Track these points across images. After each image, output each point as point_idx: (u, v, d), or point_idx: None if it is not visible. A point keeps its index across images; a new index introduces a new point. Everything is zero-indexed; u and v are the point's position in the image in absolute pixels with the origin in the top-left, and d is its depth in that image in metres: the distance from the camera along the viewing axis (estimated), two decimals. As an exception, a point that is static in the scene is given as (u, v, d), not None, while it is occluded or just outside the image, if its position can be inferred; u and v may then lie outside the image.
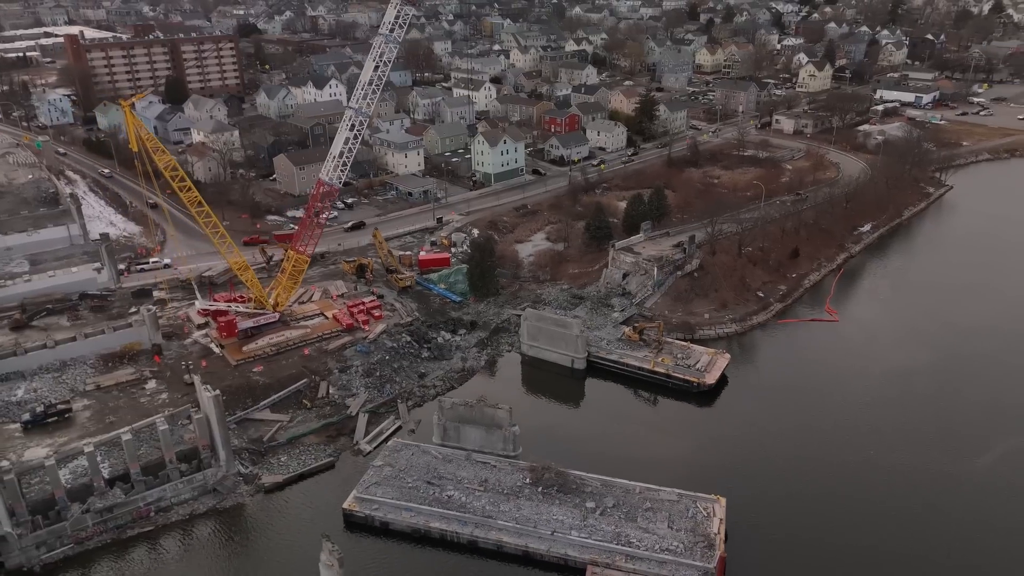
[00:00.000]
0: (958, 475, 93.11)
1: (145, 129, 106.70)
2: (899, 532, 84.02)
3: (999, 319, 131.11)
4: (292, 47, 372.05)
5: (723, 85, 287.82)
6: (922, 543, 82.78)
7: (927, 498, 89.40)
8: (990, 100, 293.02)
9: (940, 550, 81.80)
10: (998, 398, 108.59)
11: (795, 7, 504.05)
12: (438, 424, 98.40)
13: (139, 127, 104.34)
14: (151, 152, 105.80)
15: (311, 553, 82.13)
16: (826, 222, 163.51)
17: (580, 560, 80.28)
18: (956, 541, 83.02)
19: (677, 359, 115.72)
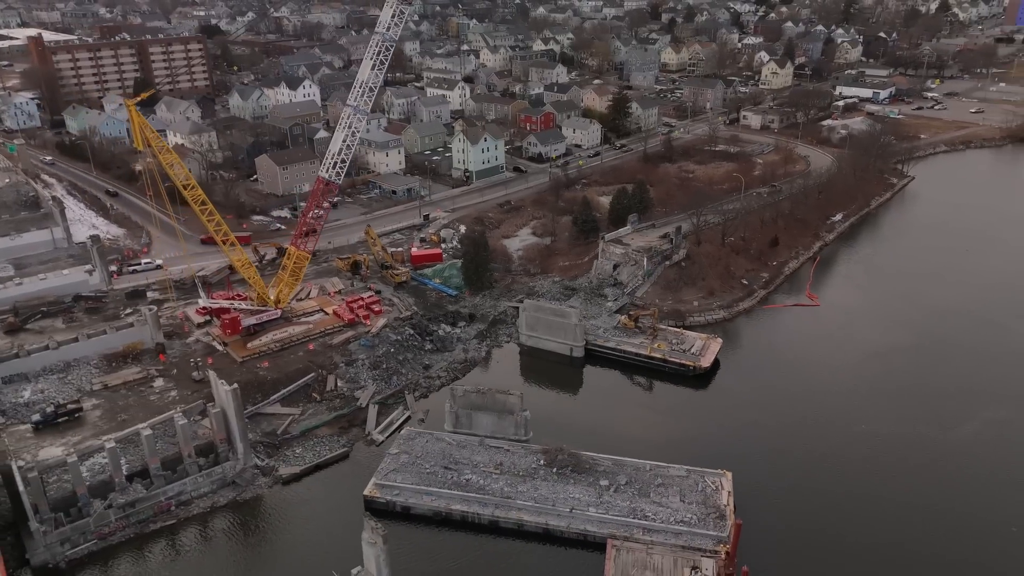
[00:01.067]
0: (942, 443, 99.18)
1: (151, 128, 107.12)
2: (892, 491, 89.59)
3: (966, 300, 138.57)
4: (258, 48, 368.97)
5: (691, 83, 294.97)
6: (913, 497, 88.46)
7: (915, 462, 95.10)
8: (943, 95, 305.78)
9: (925, 502, 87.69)
10: (972, 373, 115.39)
11: (752, 7, 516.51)
12: (450, 412, 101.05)
13: (145, 126, 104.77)
14: (157, 151, 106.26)
15: (334, 540, 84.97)
16: (801, 212, 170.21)
17: (599, 535, 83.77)
18: (939, 496, 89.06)
19: (672, 344, 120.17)
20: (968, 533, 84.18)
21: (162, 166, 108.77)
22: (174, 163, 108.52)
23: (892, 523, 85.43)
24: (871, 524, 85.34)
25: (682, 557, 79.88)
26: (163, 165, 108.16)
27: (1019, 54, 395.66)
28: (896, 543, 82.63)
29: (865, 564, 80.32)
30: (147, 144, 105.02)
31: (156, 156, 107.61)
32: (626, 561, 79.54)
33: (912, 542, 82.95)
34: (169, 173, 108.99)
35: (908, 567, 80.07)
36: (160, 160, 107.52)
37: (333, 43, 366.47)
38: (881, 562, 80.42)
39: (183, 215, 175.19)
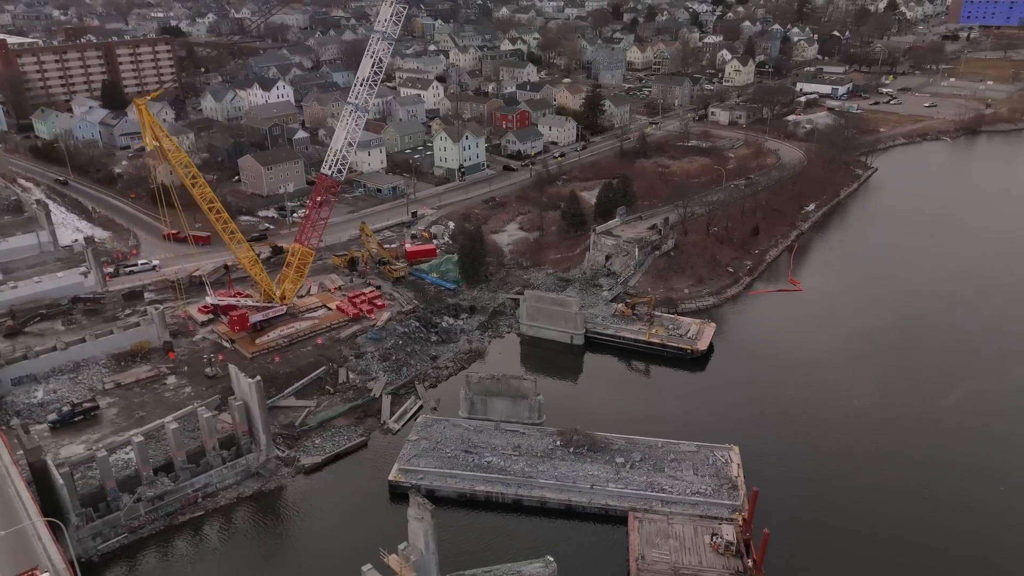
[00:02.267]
0: (925, 414, 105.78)
1: (161, 127, 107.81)
2: (891, 459, 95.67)
3: (936, 281, 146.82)
4: (223, 49, 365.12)
5: (659, 81, 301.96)
6: (908, 464, 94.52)
7: (908, 431, 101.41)
8: (897, 90, 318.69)
9: (920, 467, 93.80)
10: (948, 348, 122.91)
11: (709, 7, 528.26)
12: (465, 398, 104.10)
13: (155, 125, 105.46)
14: (166, 150, 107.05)
15: (363, 524, 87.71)
16: (777, 203, 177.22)
17: (620, 508, 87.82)
18: (931, 460, 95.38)
19: (669, 330, 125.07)
20: (958, 491, 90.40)
21: (171, 164, 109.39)
22: (184, 161, 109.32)
23: (891, 484, 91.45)
24: (872, 487, 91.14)
25: (701, 525, 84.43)
26: (172, 163, 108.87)
27: (965, 50, 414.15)
28: (895, 497, 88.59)
29: (870, 522, 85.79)
30: (156, 142, 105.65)
31: (165, 154, 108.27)
32: (649, 531, 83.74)
33: (909, 495, 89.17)
34: (178, 171, 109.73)
35: (909, 519, 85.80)
36: (169, 158, 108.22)
37: (301, 44, 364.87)
38: (884, 517, 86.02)
39: (171, 216, 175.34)
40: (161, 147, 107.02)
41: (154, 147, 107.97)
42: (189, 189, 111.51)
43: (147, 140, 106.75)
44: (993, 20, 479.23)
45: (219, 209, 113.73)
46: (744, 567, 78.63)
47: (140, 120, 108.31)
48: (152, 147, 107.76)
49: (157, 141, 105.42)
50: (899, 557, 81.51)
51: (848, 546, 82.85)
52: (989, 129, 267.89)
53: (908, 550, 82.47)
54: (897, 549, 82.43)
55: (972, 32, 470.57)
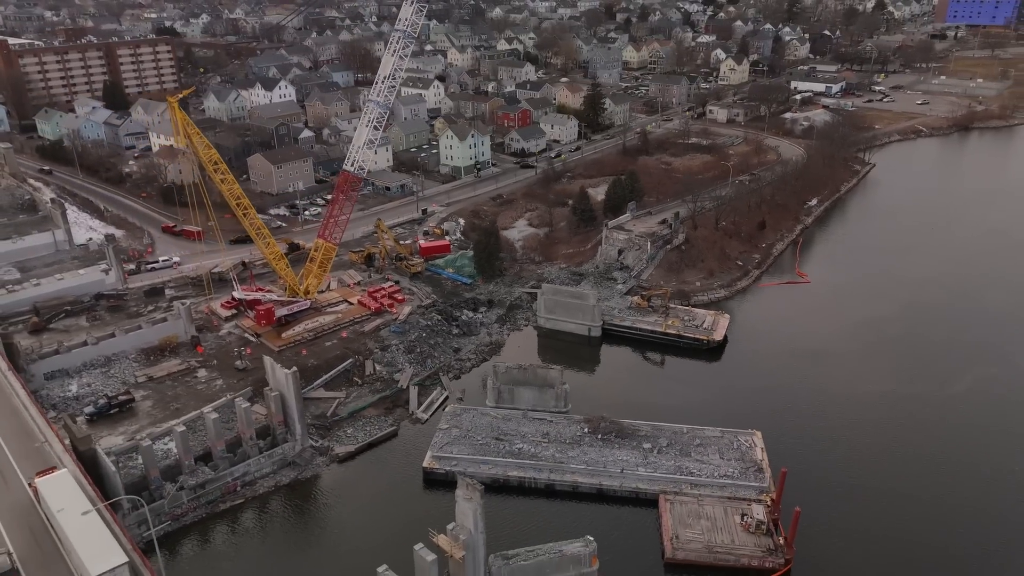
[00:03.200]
0: (939, 399, 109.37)
1: (193, 124, 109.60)
2: (907, 440, 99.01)
3: (939, 272, 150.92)
4: (219, 50, 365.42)
5: (657, 80, 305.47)
6: (924, 446, 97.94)
7: (920, 416, 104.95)
8: (889, 88, 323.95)
9: (935, 449, 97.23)
10: (955, 336, 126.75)
11: (700, 6, 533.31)
12: (492, 388, 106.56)
13: (188, 124, 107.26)
14: (198, 147, 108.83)
15: (400, 509, 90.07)
16: (781, 198, 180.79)
17: (651, 491, 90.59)
18: (945, 442, 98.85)
19: (684, 321, 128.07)
20: (970, 475, 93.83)
21: (202, 160, 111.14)
22: (213, 158, 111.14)
23: (908, 464, 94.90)
24: (890, 467, 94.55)
25: (731, 506, 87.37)
26: (203, 160, 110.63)
27: (953, 49, 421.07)
28: (913, 478, 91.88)
29: (890, 497, 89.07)
30: (187, 139, 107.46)
31: (196, 151, 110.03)
32: (681, 512, 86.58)
33: (926, 478, 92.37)
34: (208, 168, 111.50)
35: (926, 500, 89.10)
36: (201, 156, 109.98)
37: (299, 44, 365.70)
38: (903, 494, 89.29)
39: (181, 215, 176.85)
40: (192, 144, 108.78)
41: (185, 144, 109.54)
42: (218, 185, 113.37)
43: (179, 138, 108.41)
44: (979, 19, 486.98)
45: (247, 206, 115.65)
46: (775, 544, 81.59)
47: (172, 118, 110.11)
48: (184, 145, 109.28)
49: (188, 139, 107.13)
50: (925, 528, 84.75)
51: (876, 527, 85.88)
52: (981, 126, 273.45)
53: (933, 519, 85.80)
54: (922, 519, 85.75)
55: (959, 31, 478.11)
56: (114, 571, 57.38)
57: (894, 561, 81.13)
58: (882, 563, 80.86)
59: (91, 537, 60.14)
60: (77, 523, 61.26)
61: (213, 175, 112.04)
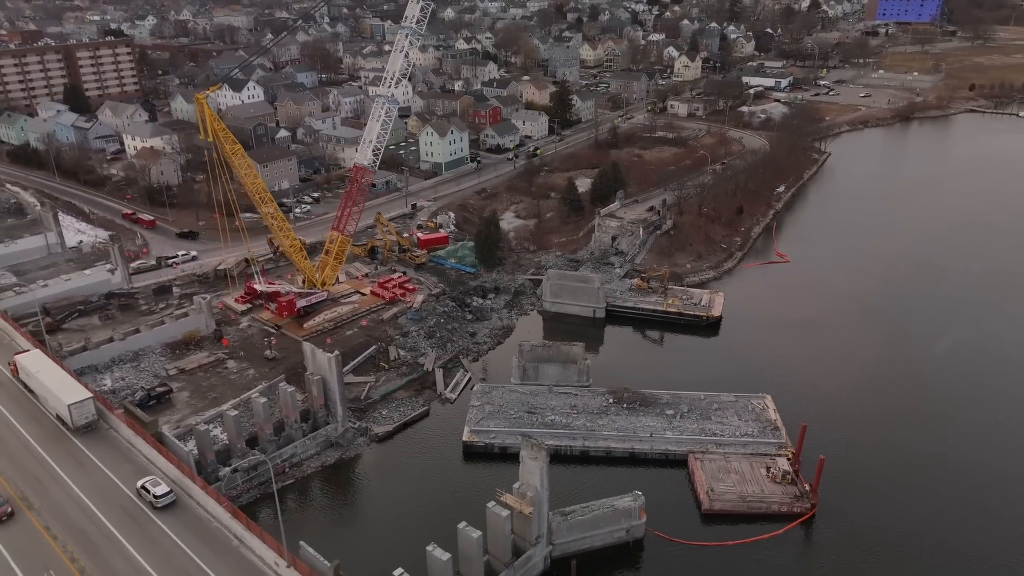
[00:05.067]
0: (924, 358, 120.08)
1: (219, 121, 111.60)
2: (901, 396, 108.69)
3: (906, 248, 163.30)
4: (174, 52, 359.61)
5: (618, 76, 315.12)
6: (914, 399, 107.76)
7: (908, 373, 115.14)
8: (833, 82, 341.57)
9: (924, 402, 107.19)
10: (928, 304, 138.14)
11: (645, 6, 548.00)
12: (517, 365, 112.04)
13: (214, 120, 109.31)
14: (223, 142, 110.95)
15: (442, 481, 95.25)
16: (753, 185, 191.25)
17: (679, 452, 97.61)
18: (931, 397, 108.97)
19: (683, 300, 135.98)
20: (958, 424, 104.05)
21: (227, 155, 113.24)
22: (239, 152, 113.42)
23: (906, 417, 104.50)
24: (890, 419, 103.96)
25: (755, 461, 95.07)
26: (228, 154, 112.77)
27: (886, 45, 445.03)
28: (910, 429, 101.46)
29: (895, 445, 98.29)
30: (214, 136, 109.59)
31: (222, 147, 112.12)
32: (710, 469, 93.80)
33: (921, 428, 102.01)
34: (232, 162, 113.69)
35: (923, 446, 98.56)
36: (226, 151, 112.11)
37: (257, 46, 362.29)
38: (904, 442, 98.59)
39: (170, 215, 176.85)
40: (219, 139, 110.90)
41: (211, 139, 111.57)
42: (241, 179, 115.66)
43: (205, 133, 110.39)
44: (907, 17, 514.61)
45: (269, 200, 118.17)
46: (801, 491, 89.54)
47: (199, 114, 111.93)
48: (212, 139, 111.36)
49: (215, 134, 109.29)
50: (922, 466, 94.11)
51: (887, 473, 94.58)
52: (921, 116, 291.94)
53: (929, 460, 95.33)
54: (928, 464, 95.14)
55: (889, 28, 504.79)
56: (82, 402, 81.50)
57: (904, 499, 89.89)
58: (892, 501, 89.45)
59: (63, 385, 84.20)
60: (51, 377, 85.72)
61: (238, 169, 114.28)
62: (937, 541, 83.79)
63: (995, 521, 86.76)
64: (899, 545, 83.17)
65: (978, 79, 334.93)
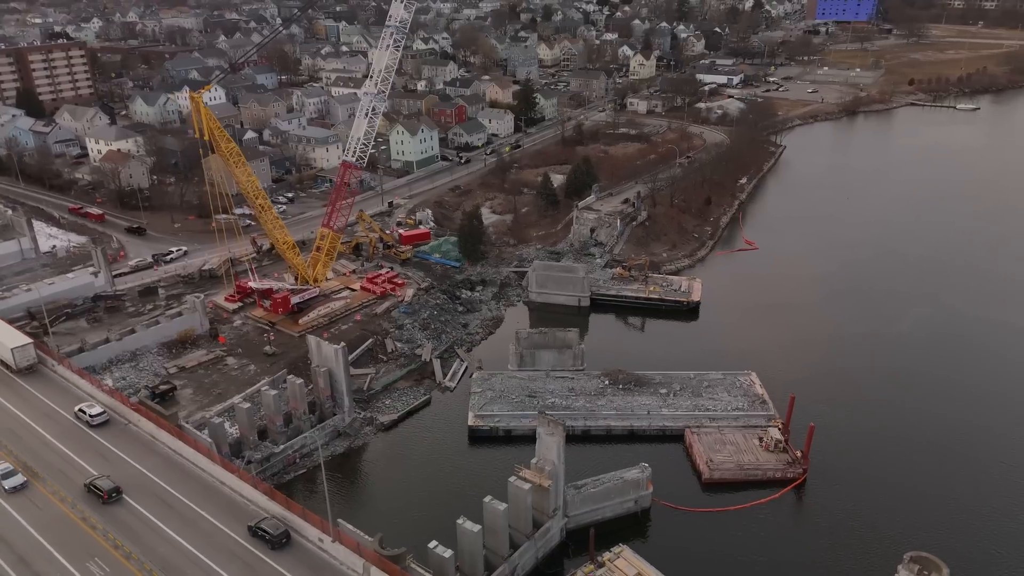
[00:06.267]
0: (890, 334, 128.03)
1: (215, 119, 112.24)
2: (873, 362, 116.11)
3: (863, 234, 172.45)
4: (125, 54, 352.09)
5: (578, 75, 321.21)
6: (885, 362, 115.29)
7: (878, 345, 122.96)
8: (782, 79, 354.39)
9: (895, 365, 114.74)
10: (889, 285, 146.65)
11: (596, 6, 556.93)
12: (515, 352, 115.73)
13: (211, 119, 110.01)
14: (219, 141, 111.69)
15: (451, 464, 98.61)
16: (718, 177, 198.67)
17: (676, 428, 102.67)
18: (900, 360, 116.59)
19: (663, 287, 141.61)
20: (926, 386, 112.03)
21: (223, 155, 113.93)
22: (234, 151, 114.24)
23: (882, 387, 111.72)
24: (869, 391, 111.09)
25: (748, 432, 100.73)
26: (224, 154, 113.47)
27: (827, 43, 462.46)
28: (887, 395, 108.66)
29: (874, 410, 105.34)
30: (210, 135, 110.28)
31: (218, 146, 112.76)
32: (707, 441, 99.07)
33: (897, 392, 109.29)
34: (228, 160, 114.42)
35: (896, 406, 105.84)
36: (222, 150, 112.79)
37: (212, 47, 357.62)
38: (884, 406, 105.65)
39: (144, 218, 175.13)
40: (215, 139, 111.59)
41: (208, 139, 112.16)
42: (236, 178, 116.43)
43: (205, 132, 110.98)
44: (845, 16, 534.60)
45: (263, 196, 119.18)
46: (793, 458, 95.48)
47: (194, 114, 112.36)
48: (208, 138, 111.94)
49: (211, 134, 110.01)
50: (908, 430, 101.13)
51: (869, 436, 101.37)
52: (866, 109, 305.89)
53: (914, 425, 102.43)
54: (905, 425, 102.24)
55: (829, 27, 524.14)
56: (24, 347, 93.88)
57: (886, 458, 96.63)
58: (876, 461, 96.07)
59: (5, 333, 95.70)
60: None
61: (233, 168, 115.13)
62: (920, 494, 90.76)
63: (975, 470, 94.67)
64: (886, 500, 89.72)
65: (916, 74, 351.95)
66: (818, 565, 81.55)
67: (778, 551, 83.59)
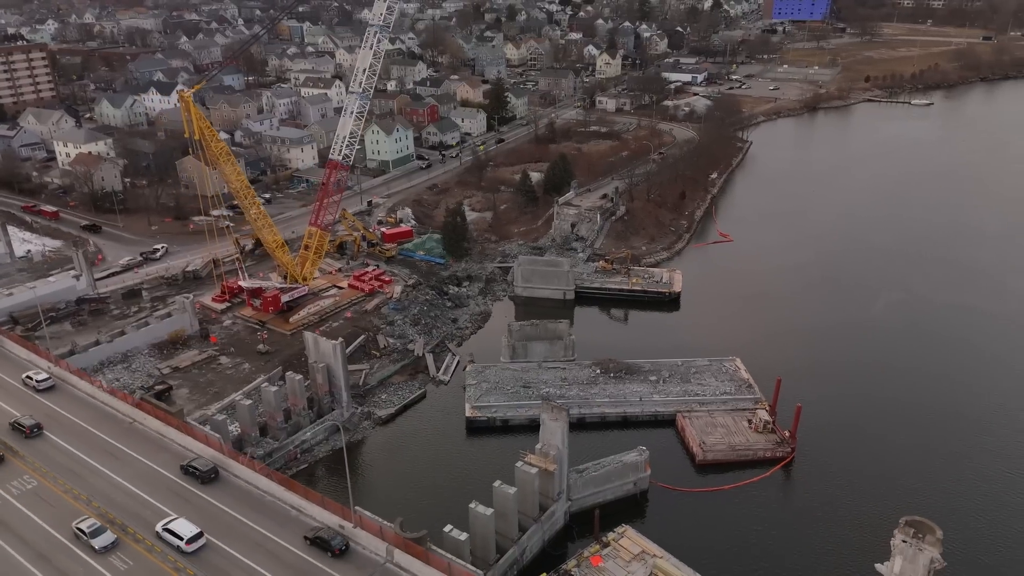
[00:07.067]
0: (865, 319, 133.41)
1: (204, 118, 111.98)
2: (853, 350, 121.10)
3: (832, 224, 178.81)
4: (84, 56, 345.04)
5: (546, 74, 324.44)
6: (864, 352, 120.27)
7: (854, 333, 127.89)
8: (743, 77, 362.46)
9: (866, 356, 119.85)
10: (861, 272, 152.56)
11: (558, 6, 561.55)
12: (507, 345, 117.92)
13: (200, 119, 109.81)
14: (209, 141, 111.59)
15: (451, 454, 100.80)
16: (690, 172, 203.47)
17: (667, 413, 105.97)
18: (878, 345, 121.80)
19: (645, 279, 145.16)
20: (899, 366, 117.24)
21: (213, 157, 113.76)
22: (224, 150, 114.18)
23: (861, 370, 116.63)
24: (845, 368, 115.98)
25: (737, 415, 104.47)
26: (214, 152, 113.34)
27: (785, 42, 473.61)
28: (864, 373, 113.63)
29: (853, 389, 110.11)
30: (200, 135, 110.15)
31: (208, 146, 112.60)
32: (699, 425, 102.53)
33: (872, 373, 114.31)
34: (218, 160, 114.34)
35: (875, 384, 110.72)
36: (213, 150, 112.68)
37: (176, 49, 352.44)
38: (861, 385, 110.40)
39: (120, 221, 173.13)
40: (204, 137, 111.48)
41: (198, 138, 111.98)
42: (226, 177, 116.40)
43: (196, 130, 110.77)
44: (800, 15, 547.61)
45: (252, 195, 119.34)
46: (781, 438, 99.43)
47: (184, 113, 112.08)
48: (199, 137, 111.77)
49: (201, 133, 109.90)
50: (886, 407, 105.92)
51: (850, 414, 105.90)
52: (825, 106, 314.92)
53: (891, 402, 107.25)
54: (883, 403, 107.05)
55: (785, 26, 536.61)
56: None
57: (867, 434, 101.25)
58: (858, 437, 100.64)
59: None
60: None
61: (223, 166, 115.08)
62: (902, 465, 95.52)
63: (952, 438, 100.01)
64: (870, 473, 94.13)
65: (871, 71, 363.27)
66: (810, 536, 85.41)
67: (772, 525, 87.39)
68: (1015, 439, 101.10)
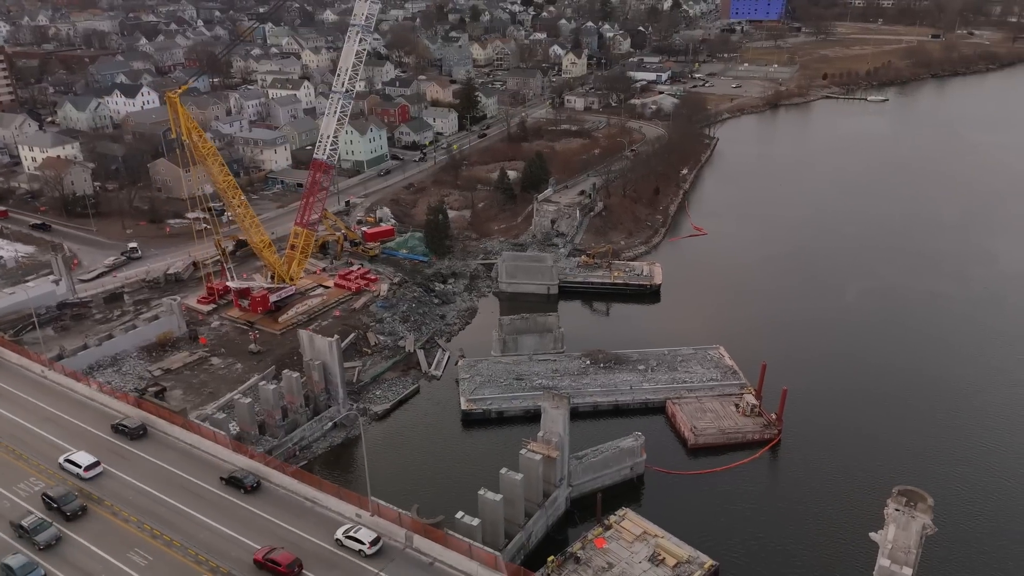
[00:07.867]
0: (838, 307, 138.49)
1: (191, 118, 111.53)
2: (833, 339, 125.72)
3: (802, 216, 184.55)
4: (40, 59, 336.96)
5: (515, 74, 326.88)
6: (841, 340, 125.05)
7: (830, 319, 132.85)
8: (706, 75, 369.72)
9: (843, 343, 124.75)
10: (833, 262, 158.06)
11: (520, 6, 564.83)
12: (498, 339, 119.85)
13: (188, 119, 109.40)
14: (197, 141, 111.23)
15: (448, 446, 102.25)
16: (662, 168, 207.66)
17: (657, 400, 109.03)
18: (856, 334, 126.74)
19: (626, 272, 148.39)
20: (872, 343, 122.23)
21: (201, 158, 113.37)
22: (212, 150, 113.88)
23: (839, 359, 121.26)
24: (823, 352, 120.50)
25: (724, 400, 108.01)
26: (202, 153, 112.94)
27: (743, 41, 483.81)
28: (841, 356, 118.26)
29: (832, 371, 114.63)
30: (188, 135, 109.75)
31: (196, 148, 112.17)
32: (688, 410, 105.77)
33: (849, 356, 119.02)
34: (206, 160, 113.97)
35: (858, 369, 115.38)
36: (201, 150, 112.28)
37: (135, 50, 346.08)
38: (841, 367, 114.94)
39: (93, 225, 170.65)
40: (192, 138, 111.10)
41: (186, 141, 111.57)
42: (214, 177, 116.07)
43: (185, 132, 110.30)
44: (756, 15, 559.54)
45: (239, 194, 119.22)
46: (768, 421, 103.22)
47: (171, 113, 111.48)
48: (187, 138, 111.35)
49: (188, 135, 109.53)
50: (866, 385, 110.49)
51: (832, 395, 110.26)
52: (786, 103, 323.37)
53: (869, 380, 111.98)
54: (861, 381, 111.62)
55: (743, 26, 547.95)
56: None
57: (849, 413, 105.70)
58: (841, 417, 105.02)
59: None
60: None
61: (211, 166, 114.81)
62: (885, 441, 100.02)
63: (930, 412, 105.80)
64: (854, 451, 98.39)
65: (828, 69, 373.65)
66: (800, 511, 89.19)
67: (765, 501, 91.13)
68: (987, 410, 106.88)
